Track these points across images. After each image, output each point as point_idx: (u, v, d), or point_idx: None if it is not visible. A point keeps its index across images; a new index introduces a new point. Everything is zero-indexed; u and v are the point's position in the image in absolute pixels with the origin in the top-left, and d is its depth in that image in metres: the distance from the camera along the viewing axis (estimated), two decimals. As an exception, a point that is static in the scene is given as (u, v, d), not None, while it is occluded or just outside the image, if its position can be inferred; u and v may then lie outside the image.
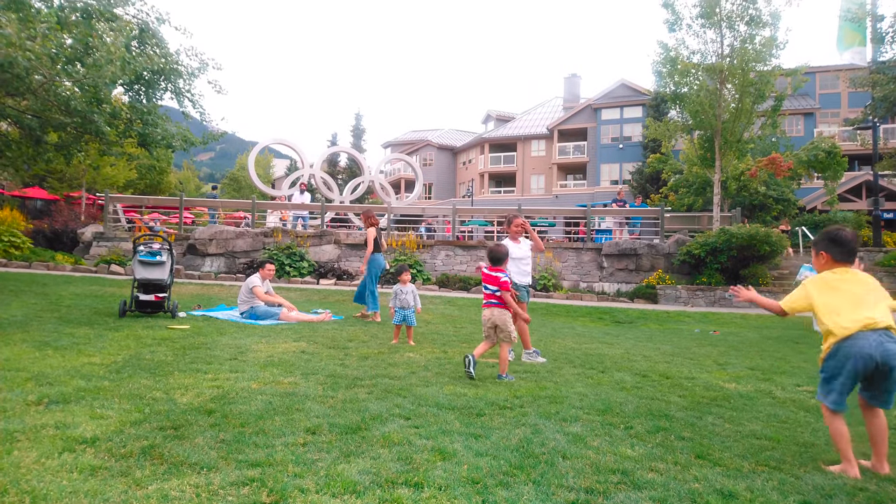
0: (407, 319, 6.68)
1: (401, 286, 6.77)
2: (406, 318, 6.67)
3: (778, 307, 3.32)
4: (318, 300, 11.55)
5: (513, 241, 6.28)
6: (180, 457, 2.66)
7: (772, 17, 16.70)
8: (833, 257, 3.20)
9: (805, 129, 35.93)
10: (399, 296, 6.70)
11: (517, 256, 6.12)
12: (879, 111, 18.96)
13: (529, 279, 6.39)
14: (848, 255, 3.20)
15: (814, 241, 3.39)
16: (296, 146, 22.83)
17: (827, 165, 21.45)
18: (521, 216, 6.57)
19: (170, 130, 14.54)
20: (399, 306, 6.69)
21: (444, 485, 2.48)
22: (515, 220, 6.34)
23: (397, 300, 6.72)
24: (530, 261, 6.42)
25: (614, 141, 41.74)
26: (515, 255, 6.08)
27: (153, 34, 13.79)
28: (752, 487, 2.65)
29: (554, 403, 4.10)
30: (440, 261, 16.88)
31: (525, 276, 6.28)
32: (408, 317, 6.67)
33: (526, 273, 6.30)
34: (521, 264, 6.22)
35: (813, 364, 6.54)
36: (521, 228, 6.33)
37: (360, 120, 55.67)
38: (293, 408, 3.58)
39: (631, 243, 16.27)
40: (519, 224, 6.31)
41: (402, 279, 6.86)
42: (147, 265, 8.02)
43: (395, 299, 6.74)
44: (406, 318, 6.67)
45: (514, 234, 6.31)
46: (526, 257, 6.30)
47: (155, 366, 4.71)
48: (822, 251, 3.24)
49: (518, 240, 6.32)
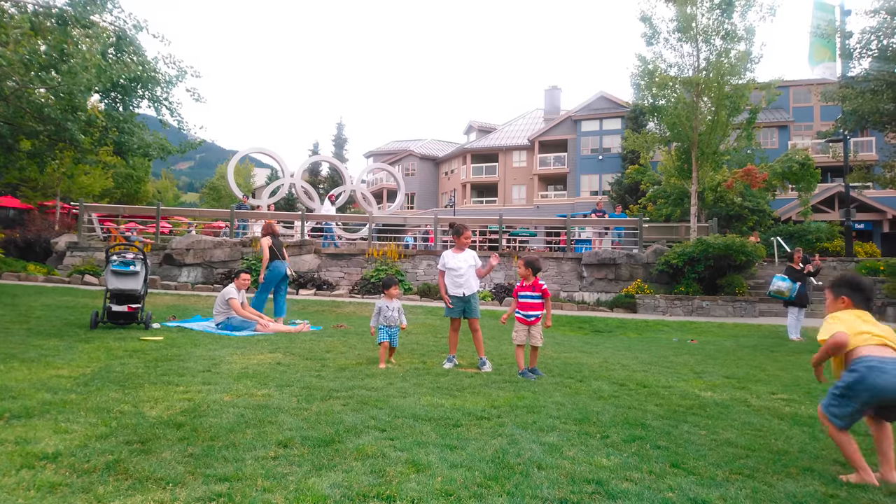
0: (392, 339, 6.00)
1: (386, 301, 6.08)
2: (392, 338, 5.99)
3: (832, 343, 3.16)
4: (296, 311, 11.42)
5: (457, 251, 6.17)
6: (146, 472, 2.58)
7: (746, 32, 17.08)
8: (854, 303, 3.26)
9: (779, 142, 36.76)
10: (384, 312, 6.00)
11: (452, 267, 6.08)
12: (849, 124, 19.44)
13: (462, 291, 6.13)
14: (868, 301, 3.28)
15: (832, 285, 3.42)
16: (276, 155, 22.69)
17: (801, 177, 21.94)
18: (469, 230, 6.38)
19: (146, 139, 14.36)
20: (384, 324, 5.97)
21: (416, 497, 2.44)
22: (466, 232, 6.21)
23: (381, 317, 6.00)
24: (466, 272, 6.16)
25: (594, 152, 42.24)
26: (451, 265, 6.08)
27: (130, 41, 13.64)
28: (725, 496, 2.65)
29: (531, 413, 4.08)
30: (422, 270, 16.84)
31: (458, 287, 6.09)
32: (393, 336, 6.01)
33: (459, 285, 6.09)
34: (454, 275, 6.09)
35: (787, 372, 6.63)
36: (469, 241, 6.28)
37: (342, 129, 55.51)
38: (265, 420, 3.51)
39: (610, 253, 16.41)
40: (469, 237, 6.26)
41: (390, 293, 6.15)
42: (120, 275, 7.87)
43: (378, 316, 6.01)
44: (392, 337, 5.99)
45: (461, 245, 6.18)
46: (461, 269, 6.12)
47: (125, 378, 4.60)
48: (844, 296, 3.29)
49: (463, 250, 6.18)
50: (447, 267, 6.14)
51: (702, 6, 17.15)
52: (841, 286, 3.34)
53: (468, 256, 6.16)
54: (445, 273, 6.16)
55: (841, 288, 3.33)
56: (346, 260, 16.85)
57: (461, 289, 6.10)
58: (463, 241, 6.18)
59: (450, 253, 6.25)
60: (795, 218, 27.67)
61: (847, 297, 3.28)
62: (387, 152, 55.77)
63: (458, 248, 6.23)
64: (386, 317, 5.99)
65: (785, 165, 22.00)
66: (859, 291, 3.28)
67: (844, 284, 3.34)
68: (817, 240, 23.18)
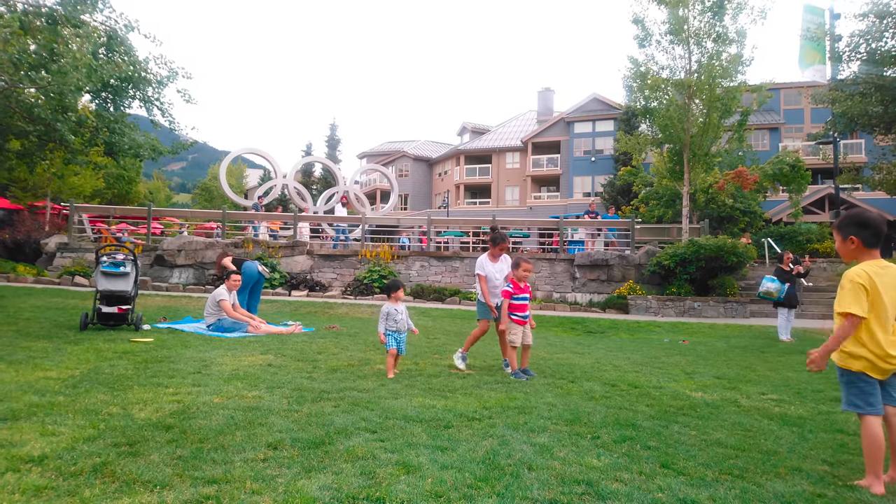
0: (400, 346, 5.53)
1: (393, 305, 5.57)
2: (399, 344, 5.52)
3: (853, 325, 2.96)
4: (288, 312, 11.39)
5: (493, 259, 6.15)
6: (133, 474, 2.56)
7: (738, 35, 17.20)
8: (864, 242, 3.00)
9: (770, 144, 37.00)
10: (393, 316, 5.51)
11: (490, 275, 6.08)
12: (839, 126, 19.61)
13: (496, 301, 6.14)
14: (879, 238, 3.01)
15: (837, 225, 3.13)
16: (269, 156, 22.62)
17: (791, 179, 22.09)
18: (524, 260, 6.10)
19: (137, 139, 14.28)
20: (394, 329, 5.50)
21: (406, 499, 2.43)
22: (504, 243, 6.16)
23: (390, 321, 5.51)
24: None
25: (587, 154, 42.38)
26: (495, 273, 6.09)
27: (121, 41, 13.57)
28: (714, 496, 2.66)
29: (523, 414, 4.08)
30: (415, 271, 16.83)
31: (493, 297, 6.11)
32: (401, 343, 5.53)
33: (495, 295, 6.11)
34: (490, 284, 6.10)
35: (777, 373, 6.67)
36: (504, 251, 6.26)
37: (336, 130, 55.41)
38: (255, 422, 3.49)
39: (603, 254, 16.46)
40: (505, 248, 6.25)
41: (396, 297, 5.64)
42: (110, 276, 7.81)
43: (386, 320, 5.51)
44: (399, 343, 5.52)
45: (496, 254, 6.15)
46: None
47: (114, 380, 4.56)
48: (852, 236, 3.03)
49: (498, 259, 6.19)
50: (486, 272, 6.04)
51: (693, 9, 17.26)
52: (847, 225, 3.06)
53: (503, 267, 6.16)
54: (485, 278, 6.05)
55: (847, 227, 3.06)
56: (339, 261, 16.82)
57: (496, 299, 6.07)
58: (498, 252, 6.13)
59: (486, 259, 6.13)
60: (786, 219, 27.86)
61: (855, 236, 3.01)
62: (380, 153, 55.73)
63: (493, 257, 6.15)
64: (397, 320, 5.51)
65: (776, 167, 22.15)
66: (867, 228, 3.00)
67: (851, 223, 3.06)
68: (808, 241, 23.34)
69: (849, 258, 3.11)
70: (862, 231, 3.01)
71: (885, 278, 2.95)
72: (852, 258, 3.09)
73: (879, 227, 3.03)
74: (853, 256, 3.08)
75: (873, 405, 2.92)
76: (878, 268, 2.97)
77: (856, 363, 2.96)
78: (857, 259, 3.06)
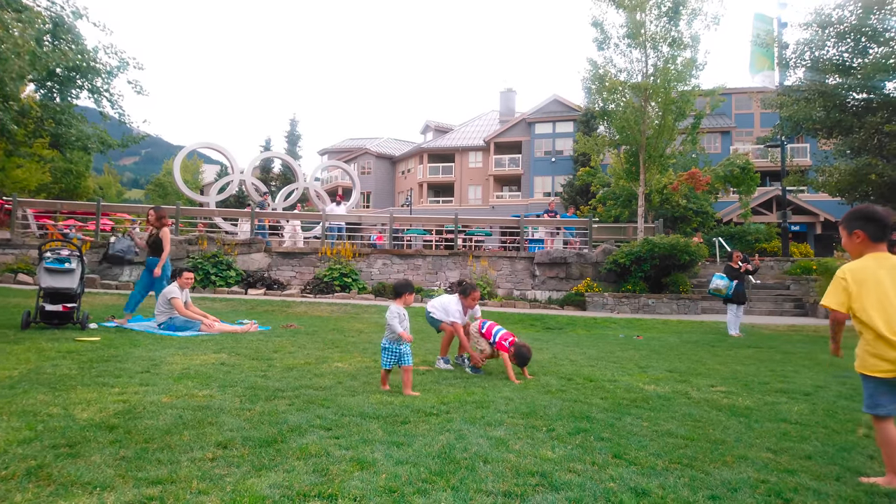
0: (403, 358, 4.69)
1: (401, 308, 4.86)
2: (402, 357, 4.69)
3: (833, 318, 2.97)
4: (245, 311, 11.13)
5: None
6: (71, 476, 2.45)
7: (692, 40, 17.74)
8: (870, 236, 2.94)
9: (722, 147, 38.30)
10: (403, 321, 4.80)
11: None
12: (786, 130, 20.44)
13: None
14: (885, 232, 2.94)
15: (844, 219, 3.07)
16: (226, 151, 22.04)
17: (741, 180, 22.94)
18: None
19: (85, 131, 13.73)
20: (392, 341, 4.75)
21: (359, 495, 2.40)
22: (475, 293, 6.16)
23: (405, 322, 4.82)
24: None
25: (547, 154, 42.96)
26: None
27: (68, 29, 13.02)
28: (664, 485, 2.73)
29: (480, 408, 4.09)
30: (377, 269, 16.70)
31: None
32: (404, 355, 4.69)
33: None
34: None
35: (726, 366, 6.90)
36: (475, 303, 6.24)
37: (296, 126, 54.48)
38: (205, 421, 3.39)
39: (561, 252, 16.71)
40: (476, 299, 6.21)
41: (407, 300, 4.98)
42: (54, 273, 7.46)
43: (405, 319, 4.83)
44: (402, 355, 4.69)
45: (469, 305, 6.14)
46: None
47: (56, 380, 4.36)
48: (858, 230, 2.97)
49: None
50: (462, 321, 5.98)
51: (650, 13, 17.70)
52: (853, 220, 2.99)
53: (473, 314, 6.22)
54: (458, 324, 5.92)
55: (853, 222, 2.99)
56: (298, 259, 16.54)
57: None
58: (471, 302, 6.06)
59: (459, 307, 6.00)
60: (736, 220, 28.91)
61: (861, 230, 2.95)
62: (342, 150, 55.08)
63: (466, 307, 6.06)
64: (406, 327, 4.79)
65: (727, 169, 22.96)
66: (874, 221, 2.94)
67: (857, 217, 2.99)
68: (756, 240, 24.29)
69: (855, 253, 3.04)
70: (868, 224, 2.95)
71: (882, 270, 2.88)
72: (859, 253, 3.02)
73: (885, 220, 2.96)
74: (860, 251, 3.01)
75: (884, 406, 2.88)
76: (874, 261, 2.91)
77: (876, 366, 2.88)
78: (864, 254, 3.00)
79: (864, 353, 2.91)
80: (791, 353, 8.41)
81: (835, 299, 2.93)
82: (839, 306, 2.92)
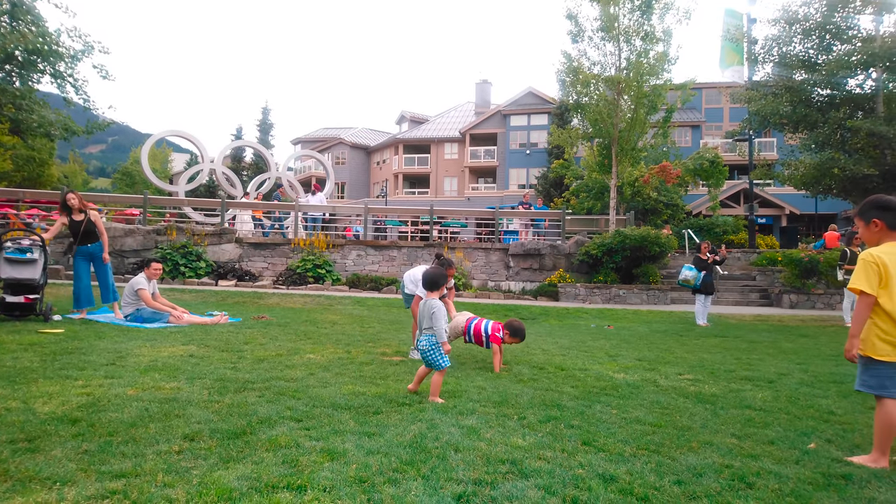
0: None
1: (440, 303, 4.24)
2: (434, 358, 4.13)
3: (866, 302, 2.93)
4: (214, 302, 10.96)
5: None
6: (30, 471, 2.38)
7: (664, 34, 17.92)
8: (888, 224, 2.94)
9: (692, 140, 38.99)
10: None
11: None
12: (754, 125, 20.89)
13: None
14: None
15: (859, 211, 3.08)
16: (195, 139, 21.56)
17: (710, 174, 23.39)
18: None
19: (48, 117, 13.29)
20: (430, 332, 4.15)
21: (329, 486, 2.38)
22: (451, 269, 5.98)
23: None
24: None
25: (522, 146, 43.16)
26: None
27: (28, 10, 12.52)
28: (631, 470, 2.77)
29: (452, 398, 4.11)
30: (351, 261, 16.59)
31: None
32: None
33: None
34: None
35: (693, 355, 7.05)
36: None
37: (268, 114, 53.64)
38: (172, 414, 3.33)
39: (535, 244, 16.84)
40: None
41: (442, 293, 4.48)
42: (15, 263, 7.23)
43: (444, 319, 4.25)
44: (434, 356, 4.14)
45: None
46: None
47: (16, 373, 4.23)
48: (875, 219, 2.96)
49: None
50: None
51: (624, 7, 17.81)
52: (870, 209, 2.98)
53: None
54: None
55: (870, 211, 2.99)
56: (270, 249, 16.33)
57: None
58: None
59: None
60: (705, 212, 29.51)
61: (879, 218, 2.95)
62: (316, 139, 54.41)
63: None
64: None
65: (696, 163, 23.38)
66: (890, 210, 2.93)
67: (873, 206, 2.97)
68: (724, 232, 24.83)
69: (874, 242, 3.04)
70: (885, 213, 2.96)
71: None
72: (877, 241, 3.02)
73: None
74: (878, 240, 3.01)
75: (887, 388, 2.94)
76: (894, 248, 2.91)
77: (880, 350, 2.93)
78: (882, 242, 3.00)
79: (876, 339, 2.96)
80: (756, 342, 8.64)
81: (868, 283, 2.92)
82: (872, 290, 2.91)
